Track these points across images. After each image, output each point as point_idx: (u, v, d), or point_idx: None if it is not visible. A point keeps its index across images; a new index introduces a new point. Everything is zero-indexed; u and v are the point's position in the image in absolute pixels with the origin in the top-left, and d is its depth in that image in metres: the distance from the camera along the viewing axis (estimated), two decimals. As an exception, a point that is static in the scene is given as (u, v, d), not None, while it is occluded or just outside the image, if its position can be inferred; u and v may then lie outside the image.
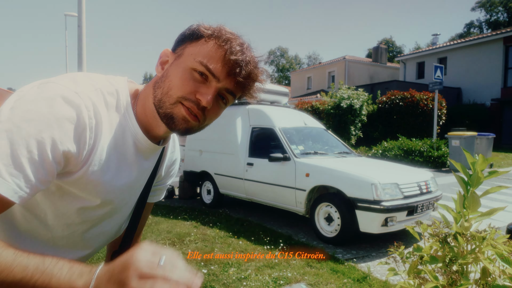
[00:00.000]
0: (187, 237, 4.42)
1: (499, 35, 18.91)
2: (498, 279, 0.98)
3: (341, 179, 4.28)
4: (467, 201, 1.04)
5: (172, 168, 1.07)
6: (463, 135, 10.30)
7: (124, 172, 0.84)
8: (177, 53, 0.80)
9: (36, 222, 0.79)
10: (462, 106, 19.03)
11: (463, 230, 1.02)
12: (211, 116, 0.81)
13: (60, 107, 0.67)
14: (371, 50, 33.16)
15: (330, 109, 15.26)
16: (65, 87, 0.70)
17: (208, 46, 0.77)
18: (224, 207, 6.34)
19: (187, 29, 0.82)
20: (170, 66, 0.80)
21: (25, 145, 0.63)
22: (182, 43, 0.81)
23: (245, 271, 3.45)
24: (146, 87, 0.85)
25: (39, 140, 0.64)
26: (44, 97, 0.67)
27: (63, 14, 16.06)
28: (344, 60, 27.87)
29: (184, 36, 0.81)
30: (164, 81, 0.79)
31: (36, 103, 0.66)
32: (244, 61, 0.76)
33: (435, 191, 4.64)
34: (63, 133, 0.67)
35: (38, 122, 0.64)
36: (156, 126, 0.83)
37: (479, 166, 1.03)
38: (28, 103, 0.66)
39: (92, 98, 0.73)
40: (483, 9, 40.13)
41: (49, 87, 0.69)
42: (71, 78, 0.74)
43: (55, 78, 0.73)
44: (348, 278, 3.32)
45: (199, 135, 6.60)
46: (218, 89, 0.78)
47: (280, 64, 59.57)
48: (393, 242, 1.42)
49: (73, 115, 0.68)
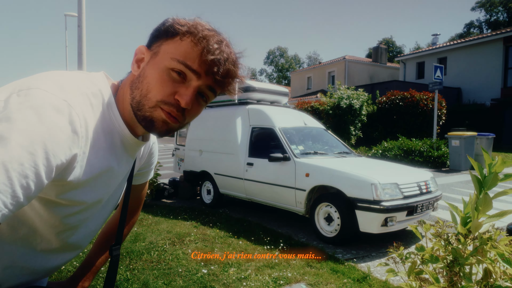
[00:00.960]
0: (187, 237, 4.41)
1: (499, 35, 18.92)
2: (499, 280, 0.98)
3: (341, 179, 4.28)
4: (479, 202, 1.03)
5: (152, 149, 1.06)
6: (463, 135, 10.30)
7: (113, 173, 0.84)
8: (153, 51, 0.78)
9: (24, 230, 0.76)
10: (462, 106, 19.03)
11: (473, 231, 1.01)
12: (192, 115, 0.80)
13: (51, 117, 0.62)
14: (371, 50, 33.15)
15: (329, 109, 15.25)
16: (52, 95, 0.65)
17: (184, 44, 0.74)
18: (224, 207, 6.33)
19: (161, 24, 0.79)
20: (146, 65, 0.77)
21: (17, 158, 0.57)
22: (157, 40, 0.78)
23: (245, 271, 3.45)
24: (122, 86, 0.82)
25: (31, 153, 0.59)
26: (31, 106, 0.62)
27: (63, 14, 16.06)
28: (344, 60, 27.87)
29: (159, 32, 0.78)
30: (141, 82, 0.76)
31: (23, 113, 0.60)
32: (222, 59, 0.74)
33: (435, 191, 4.64)
34: (55, 144, 0.62)
35: (29, 133, 0.59)
36: (135, 126, 0.82)
37: (497, 168, 1.02)
38: (15, 113, 0.60)
39: (80, 104, 0.70)
40: (483, 9, 40.14)
41: (35, 94, 0.64)
42: (54, 81, 0.69)
43: (36, 82, 0.67)
44: (348, 278, 3.31)
45: (199, 135, 6.62)
46: (198, 88, 0.76)
47: (280, 64, 59.56)
48: (393, 242, 1.41)
49: (65, 125, 0.64)
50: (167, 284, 3.15)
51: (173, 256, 3.80)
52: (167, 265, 3.56)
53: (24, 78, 0.72)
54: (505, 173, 1.10)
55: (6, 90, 0.67)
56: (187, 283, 3.16)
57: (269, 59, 60.86)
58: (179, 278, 3.26)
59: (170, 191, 7.18)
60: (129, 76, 0.82)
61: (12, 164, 0.57)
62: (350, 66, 27.83)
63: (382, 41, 40.45)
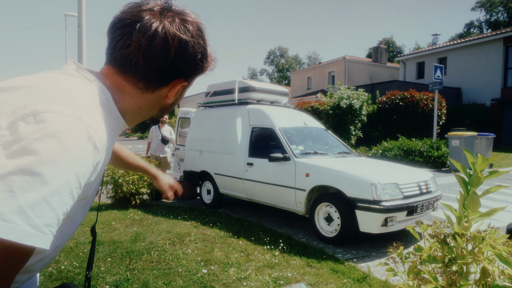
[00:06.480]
0: (187, 237, 4.42)
1: (499, 35, 18.92)
2: (497, 280, 0.98)
3: (341, 179, 4.28)
4: (467, 201, 1.04)
5: None
6: (463, 135, 10.31)
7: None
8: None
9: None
10: (462, 106, 19.03)
11: (463, 230, 1.02)
12: None
13: (72, 141, 0.63)
14: (371, 50, 33.15)
15: (329, 109, 15.26)
16: (64, 115, 0.65)
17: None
18: (224, 207, 6.34)
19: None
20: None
21: (56, 191, 0.59)
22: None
23: (245, 271, 3.45)
24: (141, 100, 0.85)
25: (66, 181, 0.61)
26: (49, 134, 0.61)
27: (63, 14, 16.07)
28: (344, 60, 27.87)
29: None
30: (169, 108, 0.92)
31: (44, 144, 0.60)
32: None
33: (435, 191, 4.64)
34: (82, 166, 0.64)
35: (58, 163, 0.60)
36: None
37: (479, 166, 1.03)
38: (34, 144, 0.60)
39: (93, 116, 0.70)
40: (483, 9, 40.14)
41: (47, 120, 0.63)
42: (59, 100, 0.68)
43: (42, 105, 0.65)
44: (348, 278, 3.32)
45: (199, 135, 6.63)
46: None
47: (280, 64, 59.56)
48: (393, 242, 1.42)
49: (87, 144, 0.65)
50: (167, 284, 3.15)
51: (173, 256, 3.80)
52: (167, 265, 3.56)
53: (10, 91, 0.69)
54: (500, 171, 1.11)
55: (3, 114, 0.65)
56: (187, 283, 3.16)
57: (270, 59, 60.89)
58: (179, 278, 3.26)
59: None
60: (151, 97, 0.86)
61: (53, 198, 0.60)
62: (350, 66, 27.83)
63: (382, 41, 40.43)
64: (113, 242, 4.19)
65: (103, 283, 3.13)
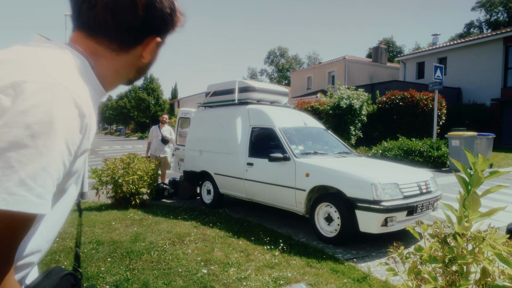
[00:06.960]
0: (187, 237, 4.42)
1: (499, 35, 18.91)
2: (497, 280, 0.98)
3: (341, 179, 4.28)
4: (467, 201, 1.04)
5: None
6: (463, 135, 10.31)
7: None
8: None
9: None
10: (462, 106, 19.03)
11: (463, 230, 1.02)
12: None
13: (60, 110, 0.63)
14: (371, 50, 33.14)
15: (329, 109, 15.25)
16: (47, 84, 0.64)
17: None
18: (224, 207, 6.34)
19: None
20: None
21: (52, 161, 0.62)
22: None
23: (245, 271, 3.45)
24: (116, 63, 0.83)
25: (60, 151, 0.63)
26: (35, 105, 0.62)
27: (63, 14, 16.05)
28: (344, 60, 27.86)
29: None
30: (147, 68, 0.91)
31: (33, 115, 0.61)
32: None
33: (435, 191, 4.64)
34: (72, 134, 0.66)
35: (49, 134, 0.61)
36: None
37: (480, 166, 1.03)
38: (23, 117, 0.60)
39: (75, 83, 0.70)
40: (483, 9, 40.13)
41: (31, 89, 0.63)
42: (41, 65, 0.68)
43: (25, 75, 0.65)
44: (348, 278, 3.32)
45: (199, 135, 6.63)
46: None
47: (280, 64, 59.55)
48: (393, 242, 1.41)
49: (73, 111, 0.66)
50: (167, 284, 3.15)
51: (173, 256, 3.80)
52: (167, 265, 3.56)
53: None
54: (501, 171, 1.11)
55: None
56: (187, 283, 3.16)
57: (270, 59, 60.89)
58: (179, 278, 3.26)
59: (170, 191, 7.19)
60: (126, 57, 0.83)
61: (51, 167, 0.62)
62: (350, 66, 27.83)
63: (382, 41, 40.38)
64: (113, 242, 4.19)
65: (103, 283, 3.13)
